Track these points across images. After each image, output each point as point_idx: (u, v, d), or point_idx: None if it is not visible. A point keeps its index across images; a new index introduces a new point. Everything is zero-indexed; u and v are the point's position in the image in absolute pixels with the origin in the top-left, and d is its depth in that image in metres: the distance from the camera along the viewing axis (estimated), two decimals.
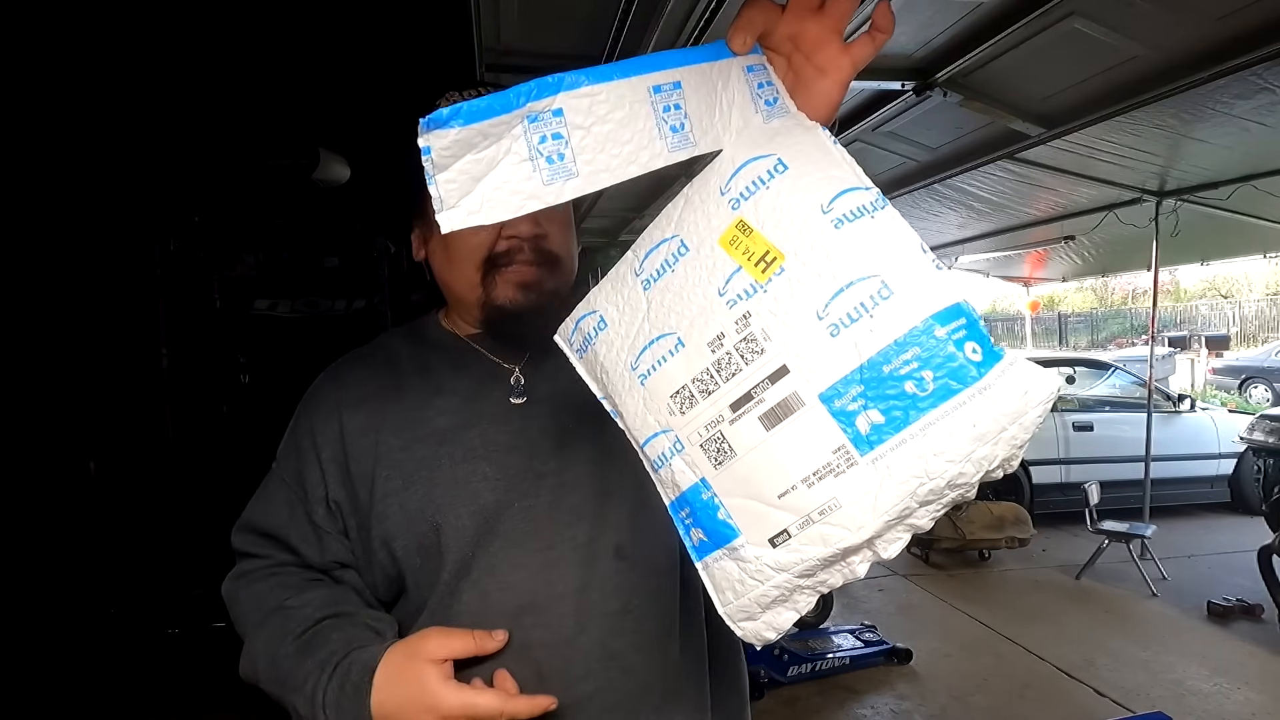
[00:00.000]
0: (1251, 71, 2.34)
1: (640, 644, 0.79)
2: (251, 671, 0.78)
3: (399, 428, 0.81)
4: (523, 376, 0.84)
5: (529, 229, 0.78)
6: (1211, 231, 4.77)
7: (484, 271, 0.79)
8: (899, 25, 2.44)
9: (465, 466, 0.79)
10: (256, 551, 0.84)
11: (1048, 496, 5.84)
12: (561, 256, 0.82)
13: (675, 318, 0.54)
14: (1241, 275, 20.20)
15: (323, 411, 0.84)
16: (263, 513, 0.85)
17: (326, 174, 3.57)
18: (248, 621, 0.80)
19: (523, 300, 0.79)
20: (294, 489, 0.83)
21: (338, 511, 0.82)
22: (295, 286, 4.46)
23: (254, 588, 0.82)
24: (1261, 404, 12.12)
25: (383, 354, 0.88)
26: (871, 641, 3.53)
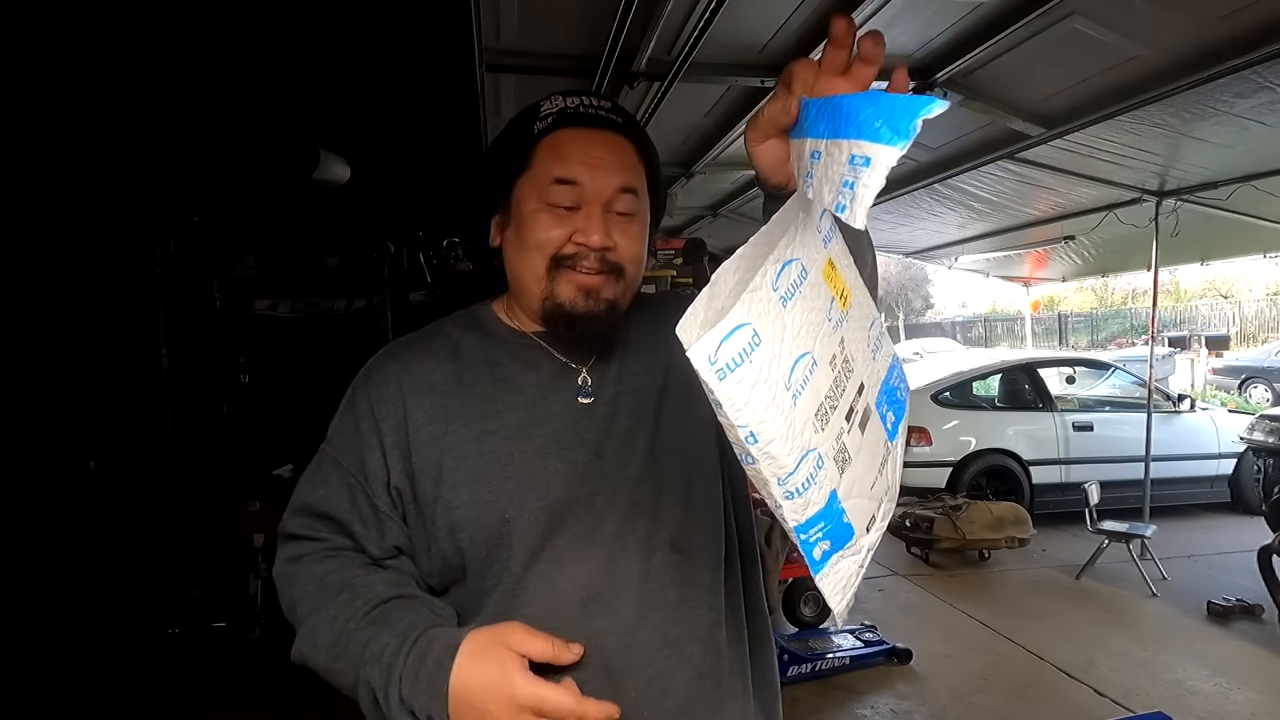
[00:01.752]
0: (1252, 71, 2.34)
1: (695, 634, 0.83)
2: (311, 648, 0.78)
3: (469, 419, 0.83)
4: (589, 377, 0.87)
5: (599, 239, 0.81)
6: (1211, 231, 4.77)
7: (550, 266, 0.82)
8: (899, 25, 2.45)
9: (538, 462, 0.81)
10: (312, 534, 0.84)
11: (1048, 496, 5.85)
12: (626, 268, 0.84)
13: (807, 338, 0.57)
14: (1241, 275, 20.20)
15: (386, 395, 0.85)
16: (321, 496, 0.84)
17: (326, 174, 3.56)
18: (307, 602, 0.80)
19: (581, 304, 0.82)
20: (354, 473, 0.83)
21: (398, 498, 0.83)
22: (295, 286, 4.46)
23: (314, 569, 0.82)
24: (1261, 404, 12.12)
25: (443, 342, 0.90)
26: (871, 641, 3.53)
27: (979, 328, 29.58)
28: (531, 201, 0.82)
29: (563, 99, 0.85)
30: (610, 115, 0.85)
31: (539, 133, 0.83)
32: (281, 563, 0.85)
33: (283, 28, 2.69)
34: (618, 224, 0.82)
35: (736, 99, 3.08)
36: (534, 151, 0.83)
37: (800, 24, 2.39)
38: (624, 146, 0.85)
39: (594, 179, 0.81)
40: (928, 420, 5.83)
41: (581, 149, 0.82)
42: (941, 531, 4.80)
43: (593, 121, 0.84)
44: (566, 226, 0.81)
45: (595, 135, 0.83)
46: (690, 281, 4.18)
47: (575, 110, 0.84)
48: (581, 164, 0.81)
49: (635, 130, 0.87)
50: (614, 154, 0.83)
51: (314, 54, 2.92)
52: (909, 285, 33.82)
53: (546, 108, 0.85)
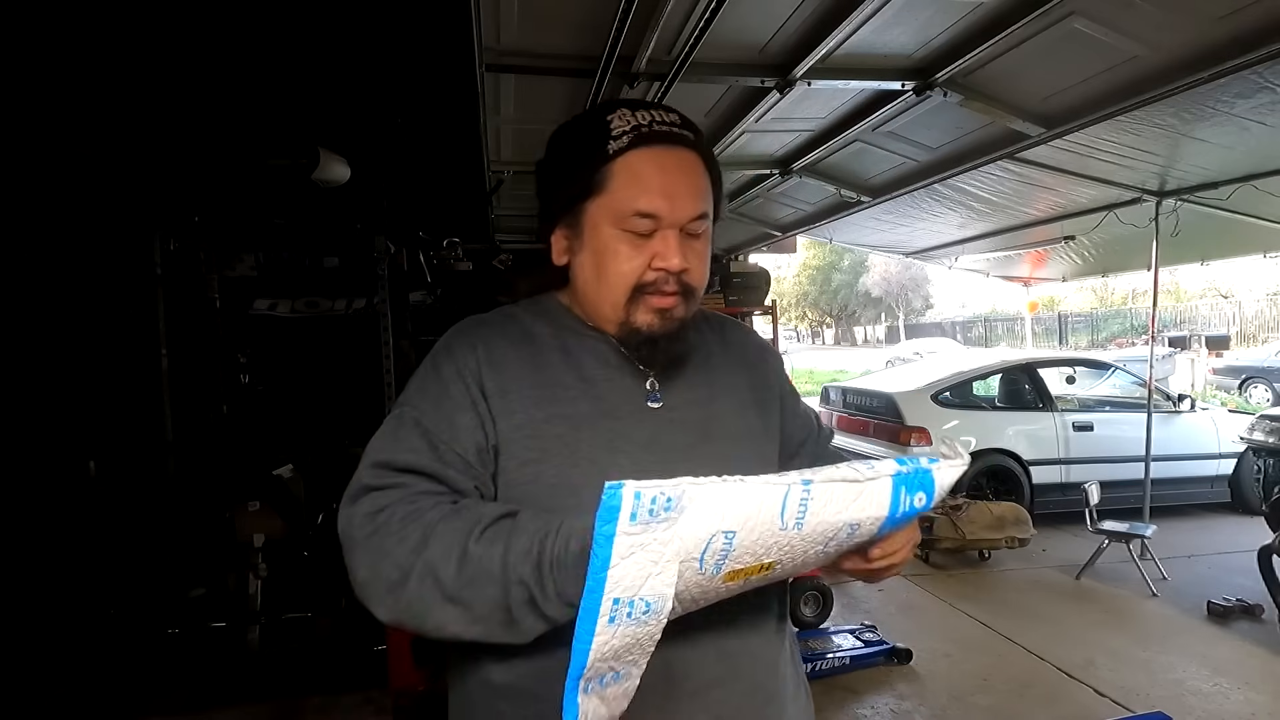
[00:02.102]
0: (1252, 71, 2.33)
1: (750, 648, 0.86)
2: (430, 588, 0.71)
3: (541, 400, 0.83)
4: (657, 383, 0.89)
5: (678, 263, 0.82)
6: (1211, 231, 4.77)
7: (630, 296, 0.84)
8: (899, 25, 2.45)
9: (605, 455, 0.82)
10: (393, 483, 0.79)
11: (1048, 496, 5.84)
12: (697, 289, 0.87)
13: None
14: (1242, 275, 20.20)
15: (469, 365, 0.84)
16: (402, 451, 0.80)
17: (326, 174, 3.56)
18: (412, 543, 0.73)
19: (659, 326, 0.84)
20: (438, 432, 0.81)
21: (493, 457, 0.82)
22: (295, 286, 4.46)
23: (403, 509, 0.76)
24: (1261, 404, 12.12)
25: (515, 326, 0.90)
26: (871, 641, 3.53)
27: (979, 328, 29.60)
28: (608, 228, 0.83)
29: (631, 114, 0.83)
30: (682, 130, 0.85)
31: (613, 153, 0.82)
32: (359, 517, 0.77)
33: (283, 28, 2.69)
34: (690, 245, 0.85)
35: (736, 99, 3.08)
36: (608, 173, 0.82)
37: (800, 24, 2.39)
38: (696, 165, 0.85)
39: (674, 210, 0.82)
40: (928, 420, 5.83)
41: (661, 176, 0.82)
42: (941, 531, 4.80)
43: (669, 139, 0.83)
44: (645, 254, 0.82)
45: (671, 157, 0.83)
46: None
47: (650, 128, 0.82)
48: (662, 195, 0.81)
49: (701, 142, 0.87)
50: (690, 177, 0.84)
51: (314, 54, 2.92)
52: (909, 285, 33.83)
53: (618, 125, 0.83)
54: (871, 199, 4.40)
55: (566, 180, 0.85)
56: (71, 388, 3.70)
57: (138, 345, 3.82)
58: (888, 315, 36.73)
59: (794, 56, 2.57)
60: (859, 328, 39.32)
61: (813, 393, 9.19)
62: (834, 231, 5.88)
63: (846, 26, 2.27)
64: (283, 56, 2.90)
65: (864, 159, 3.97)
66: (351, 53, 2.92)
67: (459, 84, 2.67)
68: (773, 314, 4.43)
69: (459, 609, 0.71)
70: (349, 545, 0.78)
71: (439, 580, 0.71)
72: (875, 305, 36.43)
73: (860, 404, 6.54)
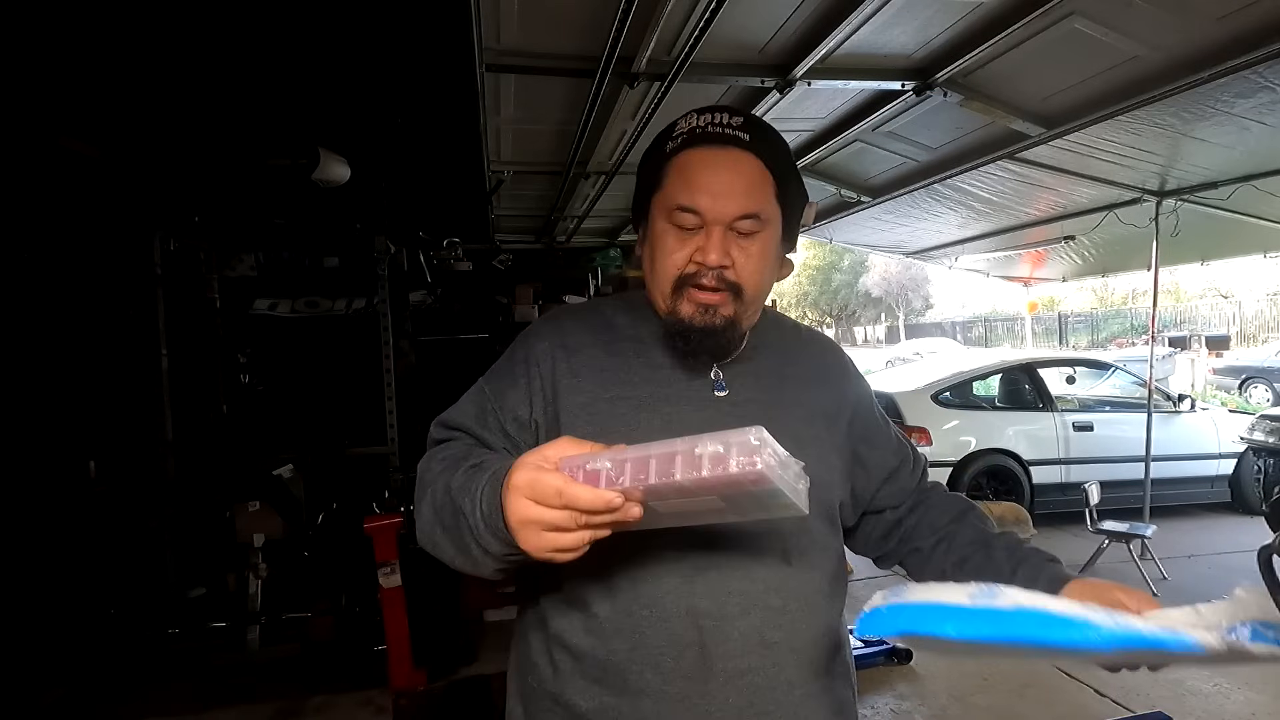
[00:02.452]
0: (1252, 71, 2.34)
1: (793, 643, 0.87)
2: (430, 515, 0.80)
3: (607, 381, 0.90)
4: (722, 373, 0.93)
5: (717, 258, 0.85)
6: (1211, 231, 4.77)
7: (674, 286, 0.88)
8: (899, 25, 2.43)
9: (661, 435, 0.82)
10: (446, 437, 0.92)
11: (1048, 496, 5.84)
12: (745, 287, 0.87)
13: None
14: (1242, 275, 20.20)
15: (541, 347, 0.93)
16: (459, 412, 0.93)
17: (326, 174, 3.56)
18: (434, 475, 0.83)
19: (700, 319, 0.87)
20: (493, 400, 0.92)
21: (534, 431, 0.90)
22: (295, 286, 4.46)
23: (447, 452, 0.87)
24: (1261, 404, 12.13)
25: (598, 316, 0.98)
26: (871, 641, 3.52)
27: (979, 328, 29.59)
28: (660, 221, 0.88)
29: (696, 116, 0.88)
30: (738, 132, 0.86)
31: (670, 152, 0.88)
32: (421, 465, 0.89)
33: (283, 27, 2.69)
34: (738, 243, 0.86)
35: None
36: (665, 171, 0.88)
37: (800, 24, 2.39)
38: (750, 165, 0.86)
39: (715, 206, 0.84)
40: (928, 420, 5.83)
41: (705, 174, 0.85)
42: None
43: (720, 140, 0.86)
44: (689, 247, 0.86)
45: (721, 156, 0.86)
46: None
47: (704, 130, 0.87)
48: (704, 191, 0.84)
49: (765, 145, 0.88)
50: (738, 177, 0.86)
51: (314, 54, 2.92)
52: (909, 285, 33.81)
53: (680, 126, 0.89)
54: (871, 199, 4.40)
55: (641, 179, 0.93)
56: (71, 387, 3.70)
57: (138, 345, 3.82)
58: (888, 315, 36.73)
59: (794, 56, 2.57)
60: (859, 328, 39.33)
61: None
62: (834, 231, 5.88)
63: (846, 26, 2.27)
64: (283, 57, 2.91)
65: (864, 159, 3.97)
66: (352, 53, 2.92)
67: (459, 84, 2.67)
68: None
69: (445, 535, 0.79)
70: (416, 483, 0.88)
71: (435, 507, 0.80)
72: (875, 305, 36.43)
73: None
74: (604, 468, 0.65)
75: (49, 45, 2.66)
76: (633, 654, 0.83)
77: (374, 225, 4.16)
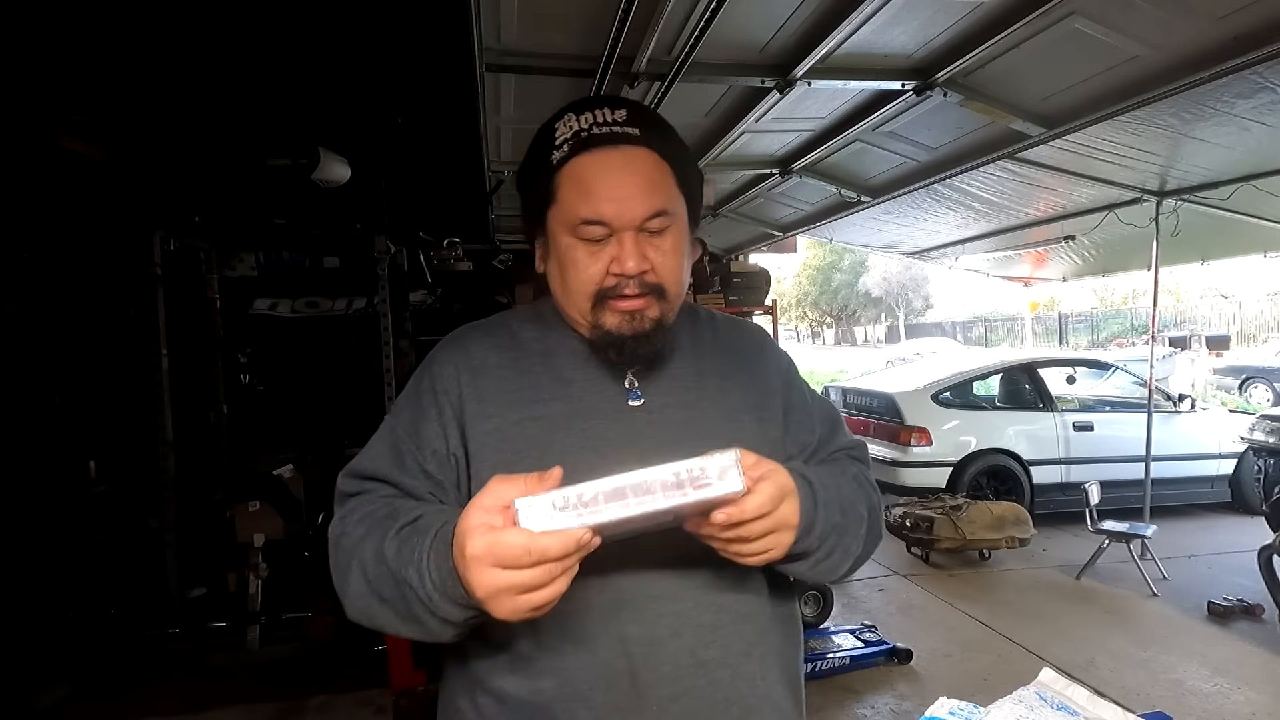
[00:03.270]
0: (1252, 71, 2.33)
1: (727, 659, 0.83)
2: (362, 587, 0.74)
3: (517, 404, 0.85)
4: (636, 380, 0.88)
5: (635, 266, 0.81)
6: (1211, 231, 4.77)
7: (594, 302, 0.84)
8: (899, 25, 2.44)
9: (575, 455, 0.80)
10: (359, 489, 0.85)
11: (1048, 496, 5.84)
12: (667, 286, 0.85)
13: None
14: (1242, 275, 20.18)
15: (445, 373, 0.88)
16: (371, 458, 0.86)
17: (326, 174, 3.56)
18: (354, 541, 0.77)
19: (627, 328, 0.84)
20: (406, 440, 0.86)
21: (455, 465, 0.85)
22: (295, 286, 4.46)
23: (362, 511, 0.81)
24: (1261, 404, 12.13)
25: (504, 331, 0.93)
26: (871, 641, 3.52)
27: (979, 328, 29.60)
28: (564, 237, 0.83)
29: (575, 118, 0.83)
30: (626, 128, 0.82)
31: (557, 163, 0.82)
32: (334, 522, 0.84)
33: (283, 27, 2.69)
34: (652, 243, 0.83)
35: (736, 99, 3.08)
36: (556, 183, 0.82)
37: (800, 24, 2.39)
38: (646, 160, 0.83)
39: (621, 213, 0.80)
40: (928, 420, 5.83)
41: (604, 181, 0.80)
42: (942, 531, 4.80)
43: (609, 140, 0.81)
44: (603, 259, 0.82)
45: (615, 158, 0.81)
46: (690, 281, 4.18)
47: (589, 132, 0.81)
48: (606, 199, 0.80)
49: (657, 136, 0.85)
50: (638, 176, 0.82)
51: (314, 54, 2.92)
52: (909, 285, 33.83)
53: (561, 131, 0.83)
54: (871, 199, 4.40)
55: (527, 192, 0.87)
56: (72, 387, 3.70)
57: (138, 345, 3.82)
58: (888, 315, 36.73)
59: (794, 56, 2.57)
60: (859, 328, 39.32)
61: None
62: (834, 231, 5.87)
63: (846, 26, 2.27)
64: (283, 57, 2.91)
65: (864, 159, 3.97)
66: (352, 53, 2.92)
67: (459, 84, 2.67)
68: (773, 314, 4.44)
69: (385, 608, 0.73)
70: (329, 549, 0.82)
71: (367, 579, 0.74)
72: (875, 305, 36.43)
73: (860, 404, 6.55)
74: (574, 504, 0.61)
75: (49, 45, 2.66)
76: (560, 691, 0.79)
77: (374, 225, 4.15)
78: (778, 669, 0.89)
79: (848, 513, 0.86)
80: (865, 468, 1.02)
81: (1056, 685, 0.86)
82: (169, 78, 3.01)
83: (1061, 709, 0.80)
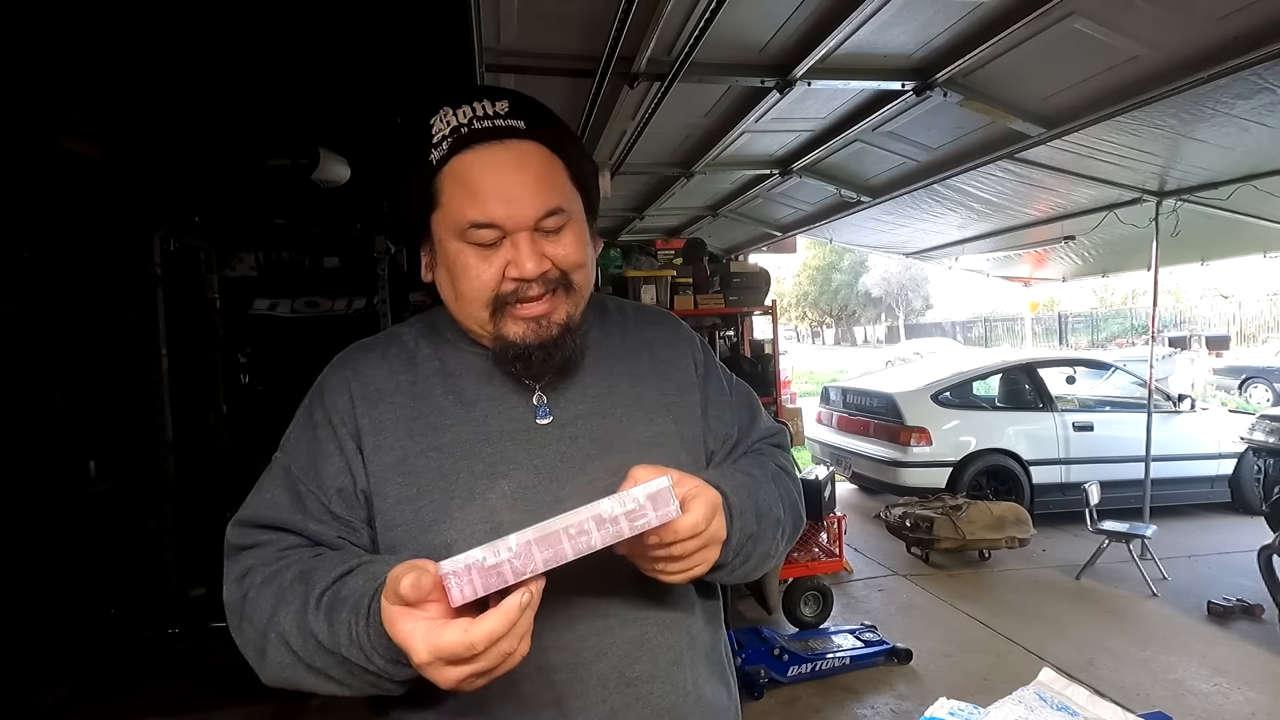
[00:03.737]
0: (1251, 71, 2.33)
1: (655, 672, 0.80)
2: (286, 658, 0.70)
3: (417, 432, 0.79)
4: (544, 395, 0.83)
5: (534, 267, 0.75)
6: (1211, 231, 4.77)
7: (493, 310, 0.78)
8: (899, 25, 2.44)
9: (484, 482, 0.77)
10: (257, 541, 0.77)
11: (1048, 496, 5.84)
12: (572, 278, 0.79)
13: None
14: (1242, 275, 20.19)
15: (339, 403, 0.81)
16: (267, 504, 0.78)
17: (326, 174, 3.57)
18: (266, 610, 0.72)
19: (533, 336, 0.78)
20: (304, 480, 0.78)
21: (363, 502, 0.78)
22: (295, 286, 4.46)
23: (264, 572, 0.75)
24: (1261, 404, 12.13)
25: (399, 350, 0.85)
26: (871, 641, 3.53)
27: (979, 328, 29.60)
28: (452, 242, 0.76)
29: (453, 113, 0.76)
30: (510, 121, 0.75)
31: (437, 162, 0.75)
32: (230, 584, 0.77)
33: (283, 27, 2.69)
34: (551, 242, 0.77)
35: (736, 99, 3.08)
36: (438, 185, 0.76)
37: (800, 24, 2.39)
38: (535, 155, 0.76)
39: (513, 213, 0.74)
40: (928, 420, 5.83)
41: (491, 180, 0.74)
42: (941, 531, 4.80)
43: (493, 134, 0.75)
44: (497, 263, 0.76)
45: (500, 154, 0.75)
46: (690, 281, 4.18)
47: (469, 127, 0.74)
48: (495, 199, 0.74)
49: (544, 127, 0.78)
50: (527, 173, 0.75)
51: (314, 54, 2.92)
52: (909, 285, 33.83)
53: (438, 128, 0.75)
54: (871, 199, 4.40)
55: (404, 195, 0.79)
56: (72, 388, 3.70)
57: (138, 345, 3.82)
58: (888, 315, 36.72)
59: (794, 56, 2.57)
60: (859, 328, 39.32)
61: (813, 393, 9.20)
62: (834, 231, 5.88)
63: (846, 26, 2.27)
64: (283, 57, 2.91)
65: (864, 159, 3.97)
66: (352, 53, 2.92)
67: (459, 84, 2.67)
68: (773, 314, 4.43)
69: (319, 676, 0.70)
70: (227, 614, 0.77)
71: (293, 650, 0.70)
72: (875, 305, 36.43)
73: (860, 404, 6.55)
74: (505, 559, 0.58)
75: (50, 45, 2.66)
76: None
77: (374, 225, 4.16)
78: (706, 668, 0.86)
79: (764, 518, 0.83)
80: (786, 454, 0.99)
81: (1056, 685, 0.86)
82: (169, 78, 3.01)
83: (1061, 709, 0.80)
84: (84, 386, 3.77)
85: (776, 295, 5.94)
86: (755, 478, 0.87)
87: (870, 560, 5.12)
